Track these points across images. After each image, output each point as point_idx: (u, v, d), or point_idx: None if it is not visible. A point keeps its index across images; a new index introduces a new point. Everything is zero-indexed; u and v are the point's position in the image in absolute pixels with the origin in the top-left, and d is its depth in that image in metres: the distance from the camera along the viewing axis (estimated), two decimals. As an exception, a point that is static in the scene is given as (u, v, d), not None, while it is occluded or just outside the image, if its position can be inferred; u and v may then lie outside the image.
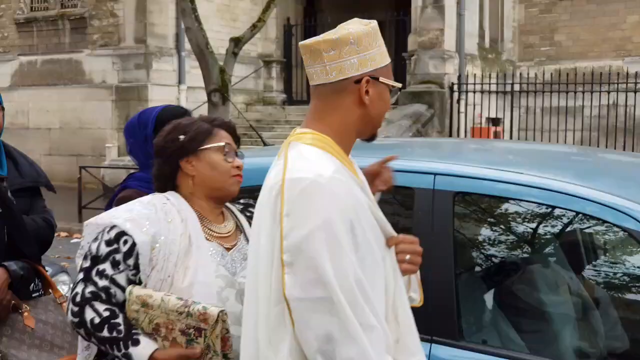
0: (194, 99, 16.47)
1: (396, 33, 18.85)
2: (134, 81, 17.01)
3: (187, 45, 14.61)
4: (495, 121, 17.85)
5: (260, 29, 13.14)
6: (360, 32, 2.16)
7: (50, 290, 3.17)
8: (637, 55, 18.35)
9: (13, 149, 3.49)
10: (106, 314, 2.35)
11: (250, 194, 3.55)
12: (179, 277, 2.38)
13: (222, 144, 2.53)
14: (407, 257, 2.20)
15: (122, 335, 2.33)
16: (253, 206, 2.61)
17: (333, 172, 2.06)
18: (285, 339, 2.02)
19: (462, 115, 17.09)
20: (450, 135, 16.64)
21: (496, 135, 17.37)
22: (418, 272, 2.30)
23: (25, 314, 2.93)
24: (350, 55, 2.15)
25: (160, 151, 2.56)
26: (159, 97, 16.45)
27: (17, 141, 2.83)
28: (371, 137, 2.27)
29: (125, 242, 2.38)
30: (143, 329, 2.35)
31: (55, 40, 18.50)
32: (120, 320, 2.35)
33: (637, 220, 2.65)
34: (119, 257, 2.38)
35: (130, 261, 2.38)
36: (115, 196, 3.12)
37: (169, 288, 2.37)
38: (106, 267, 2.38)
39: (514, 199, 3.05)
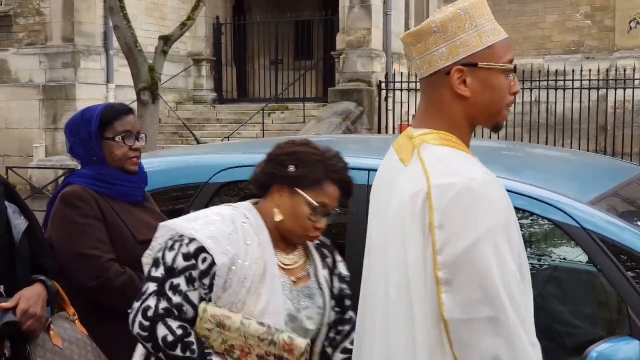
0: (122, 97, 16.22)
1: (324, 32, 19.00)
2: (61, 80, 16.62)
3: (115, 44, 14.40)
4: (423, 118, 18.11)
5: (190, 27, 13.06)
6: (445, 17, 1.90)
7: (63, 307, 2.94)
8: (556, 53, 18.87)
9: None
10: (179, 332, 2.28)
11: (183, 191, 3.52)
12: (250, 303, 2.32)
13: (316, 204, 2.40)
14: None
15: (195, 355, 2.28)
16: (327, 246, 2.58)
17: (484, 173, 1.82)
18: None
19: (390, 113, 17.33)
20: (379, 132, 16.86)
21: (423, 132, 17.63)
22: None
23: (52, 332, 2.71)
24: (437, 45, 1.91)
25: (269, 161, 2.49)
26: (87, 95, 16.18)
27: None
28: (494, 127, 1.97)
29: (204, 259, 2.30)
30: (213, 347, 2.30)
31: (-22, 38, 18.05)
32: (192, 338, 2.29)
33: (564, 212, 2.73)
34: (195, 273, 2.31)
35: (206, 280, 2.31)
36: (58, 192, 3.08)
37: (239, 312, 2.31)
38: (180, 281, 2.31)
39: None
